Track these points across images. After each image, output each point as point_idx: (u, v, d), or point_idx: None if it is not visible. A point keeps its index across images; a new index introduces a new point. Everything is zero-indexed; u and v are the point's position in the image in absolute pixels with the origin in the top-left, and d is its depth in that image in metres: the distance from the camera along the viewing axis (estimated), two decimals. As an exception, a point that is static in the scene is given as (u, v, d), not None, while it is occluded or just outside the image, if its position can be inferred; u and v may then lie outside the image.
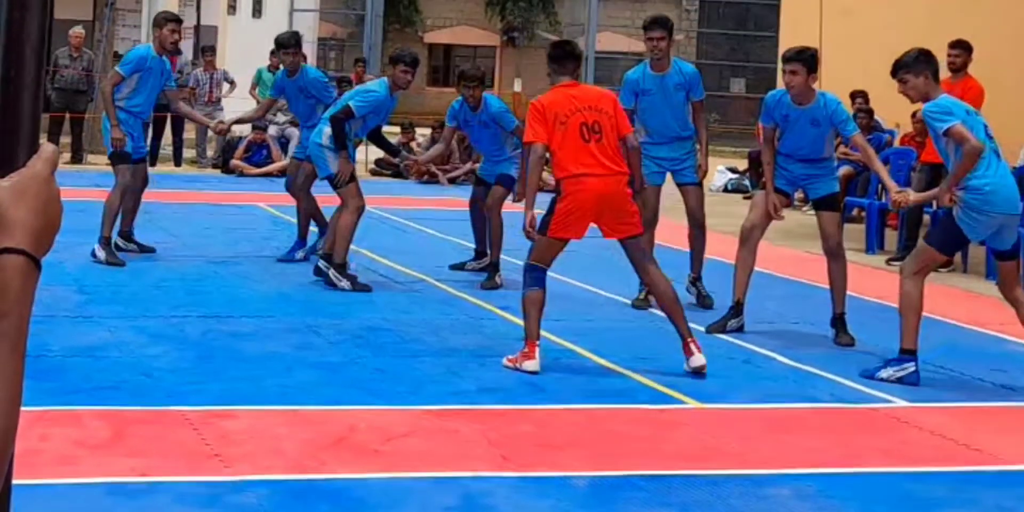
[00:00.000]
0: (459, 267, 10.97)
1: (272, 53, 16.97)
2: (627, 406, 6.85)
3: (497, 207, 10.56)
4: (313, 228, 11.22)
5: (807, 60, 8.77)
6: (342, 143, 9.91)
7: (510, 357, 7.53)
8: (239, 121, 12.40)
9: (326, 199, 11.05)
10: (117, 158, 10.74)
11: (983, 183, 7.49)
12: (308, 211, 11.12)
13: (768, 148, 9.10)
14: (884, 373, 7.56)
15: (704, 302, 9.67)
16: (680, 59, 10.21)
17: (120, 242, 10.89)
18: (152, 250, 11.12)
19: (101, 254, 10.40)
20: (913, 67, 7.69)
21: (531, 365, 7.40)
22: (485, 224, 10.81)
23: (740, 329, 8.80)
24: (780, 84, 9.82)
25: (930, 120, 7.60)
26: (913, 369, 7.54)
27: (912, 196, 8.09)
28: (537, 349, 7.44)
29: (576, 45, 8.26)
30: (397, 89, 10.05)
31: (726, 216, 13.91)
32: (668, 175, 9.85)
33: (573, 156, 7.54)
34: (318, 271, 10.03)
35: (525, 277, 7.67)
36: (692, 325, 7.75)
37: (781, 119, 8.95)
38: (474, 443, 6.04)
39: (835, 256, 8.82)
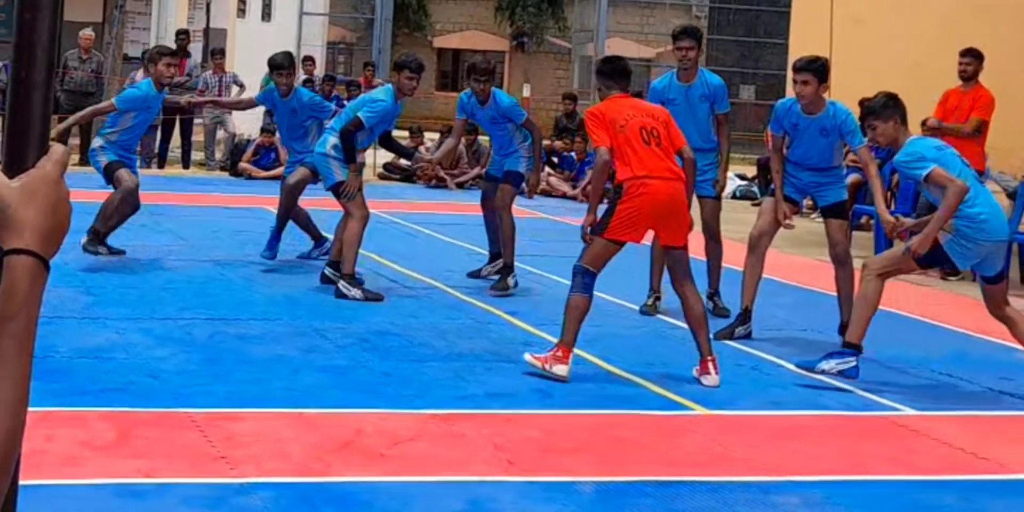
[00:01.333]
0: (475, 275, 10.81)
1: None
2: (634, 412, 6.84)
3: (508, 206, 10.51)
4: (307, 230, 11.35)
5: (818, 70, 8.75)
6: (352, 156, 9.80)
7: (538, 355, 7.43)
8: (221, 104, 14.05)
9: (321, 202, 11.04)
10: (109, 170, 10.82)
11: (977, 212, 7.45)
12: (283, 209, 10.95)
13: (777, 156, 9.09)
14: (826, 365, 7.54)
15: (721, 314, 9.61)
16: (708, 70, 10.14)
17: (86, 243, 10.65)
18: (122, 253, 10.89)
19: (83, 239, 10.53)
20: (881, 113, 7.66)
21: (561, 369, 7.28)
22: (496, 226, 10.74)
23: (748, 336, 8.79)
24: (790, 92, 9.81)
25: (906, 170, 7.57)
26: (854, 363, 7.51)
27: (906, 223, 8.03)
28: (571, 356, 7.38)
29: (626, 61, 8.21)
30: (402, 96, 9.95)
31: (735, 223, 13.89)
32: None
33: (637, 158, 7.51)
34: (324, 278, 10.01)
35: (574, 280, 7.52)
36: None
37: (790, 127, 8.94)
38: (480, 448, 6.03)
39: (842, 264, 8.82)
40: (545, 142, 15.92)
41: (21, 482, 1.61)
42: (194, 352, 7.69)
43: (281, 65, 10.94)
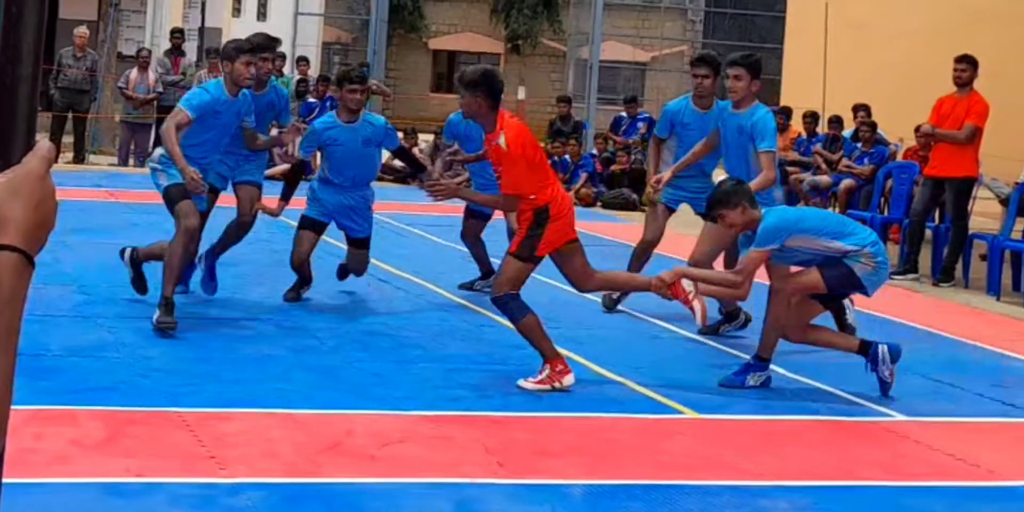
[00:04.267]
0: (468, 287, 10.54)
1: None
2: (624, 415, 6.83)
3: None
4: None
5: (752, 65, 8.63)
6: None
7: (537, 379, 7.20)
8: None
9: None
10: (169, 200, 8.50)
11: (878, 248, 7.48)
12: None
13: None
14: (751, 380, 7.54)
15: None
16: (724, 102, 9.99)
17: (159, 319, 8.13)
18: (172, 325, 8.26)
19: (155, 315, 8.02)
20: (729, 201, 7.32)
21: (570, 379, 7.21)
22: (483, 247, 10.47)
23: (744, 323, 9.01)
24: (784, 96, 9.82)
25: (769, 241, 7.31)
26: (768, 375, 7.61)
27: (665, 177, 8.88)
28: (565, 361, 7.29)
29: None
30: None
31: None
32: (684, 205, 9.73)
33: (552, 176, 7.53)
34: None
35: (507, 308, 7.26)
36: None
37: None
38: (470, 450, 6.02)
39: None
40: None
41: (9, 480, 1.60)
42: (185, 352, 7.68)
43: (266, 46, 9.15)
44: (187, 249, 8.33)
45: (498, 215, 10.21)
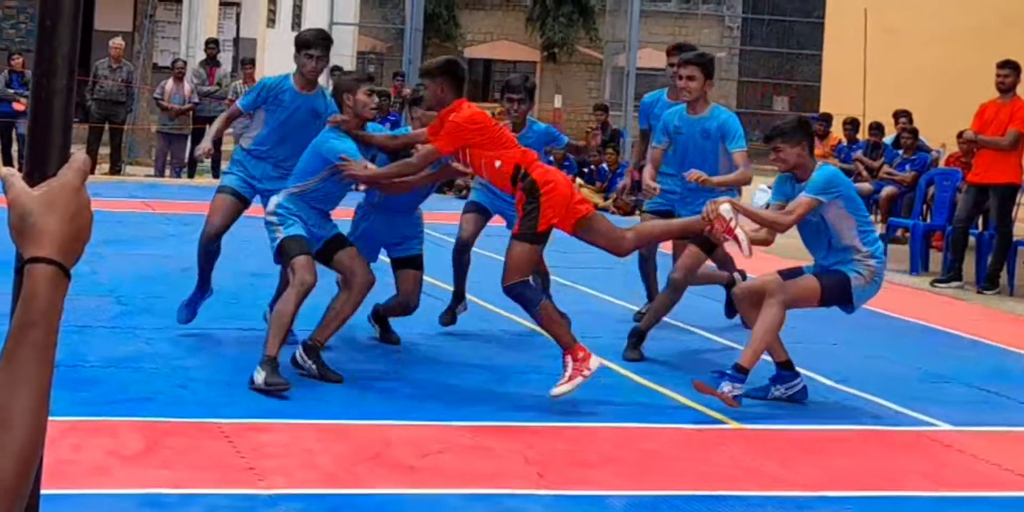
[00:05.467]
0: (451, 319, 9.07)
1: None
2: (665, 426, 6.78)
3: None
4: None
5: (706, 64, 8.20)
6: None
7: (565, 378, 6.86)
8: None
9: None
10: (284, 252, 7.49)
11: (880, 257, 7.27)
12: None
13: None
14: (725, 388, 7.00)
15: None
16: (657, 94, 9.53)
17: (299, 357, 7.49)
18: (339, 380, 7.40)
19: (259, 377, 7.00)
20: (792, 137, 7.10)
21: (595, 362, 6.92)
22: (466, 265, 9.23)
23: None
24: (824, 103, 9.71)
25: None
26: (742, 388, 7.07)
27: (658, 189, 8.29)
28: (584, 347, 6.96)
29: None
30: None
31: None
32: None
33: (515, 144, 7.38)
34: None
35: (522, 298, 7.05)
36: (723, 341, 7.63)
37: (659, 125, 8.56)
38: (509, 460, 5.98)
39: (676, 291, 8.31)
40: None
41: (48, 491, 1.58)
42: (223, 362, 7.67)
43: (312, 42, 8.15)
44: (299, 306, 7.34)
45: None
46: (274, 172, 8.13)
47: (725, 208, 6.99)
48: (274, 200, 7.60)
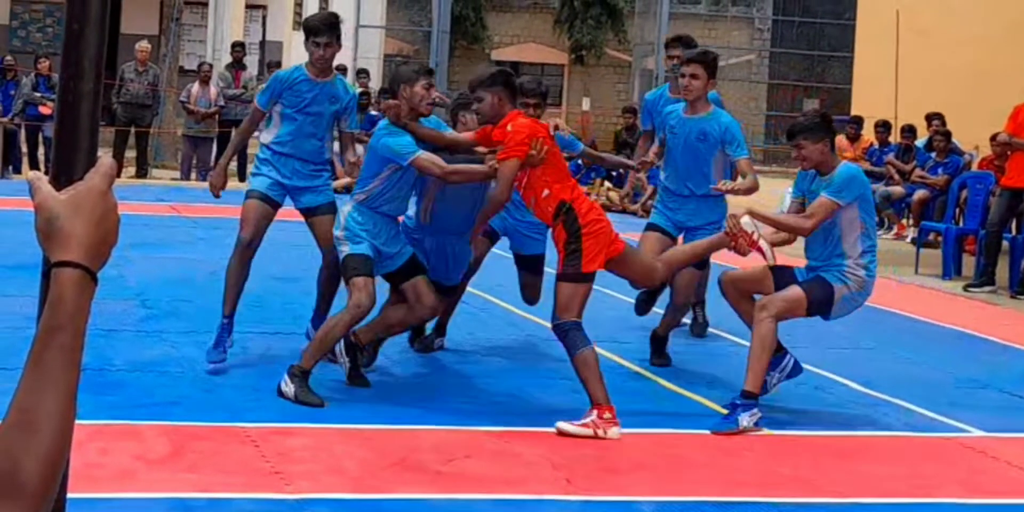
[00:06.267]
0: (427, 346, 8.48)
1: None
2: (694, 431, 6.73)
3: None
4: None
5: (710, 63, 7.86)
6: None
7: (583, 423, 6.50)
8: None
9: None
10: (345, 268, 7.25)
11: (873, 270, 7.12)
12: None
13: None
14: (744, 421, 6.72)
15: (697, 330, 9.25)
16: (655, 93, 9.31)
17: (339, 350, 7.32)
18: (366, 384, 7.38)
19: (289, 389, 6.89)
20: (815, 134, 6.93)
21: (615, 431, 6.47)
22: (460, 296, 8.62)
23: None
24: (855, 105, 9.62)
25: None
26: (759, 412, 6.80)
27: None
28: (614, 410, 6.59)
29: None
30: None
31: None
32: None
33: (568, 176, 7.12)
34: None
35: (568, 337, 6.65)
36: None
37: (660, 125, 8.27)
38: (537, 466, 5.94)
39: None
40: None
41: (75, 495, 1.57)
42: (249, 366, 7.65)
43: (318, 29, 7.78)
44: (351, 328, 7.13)
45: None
46: (302, 168, 7.95)
47: (745, 221, 6.82)
48: (344, 211, 7.38)
